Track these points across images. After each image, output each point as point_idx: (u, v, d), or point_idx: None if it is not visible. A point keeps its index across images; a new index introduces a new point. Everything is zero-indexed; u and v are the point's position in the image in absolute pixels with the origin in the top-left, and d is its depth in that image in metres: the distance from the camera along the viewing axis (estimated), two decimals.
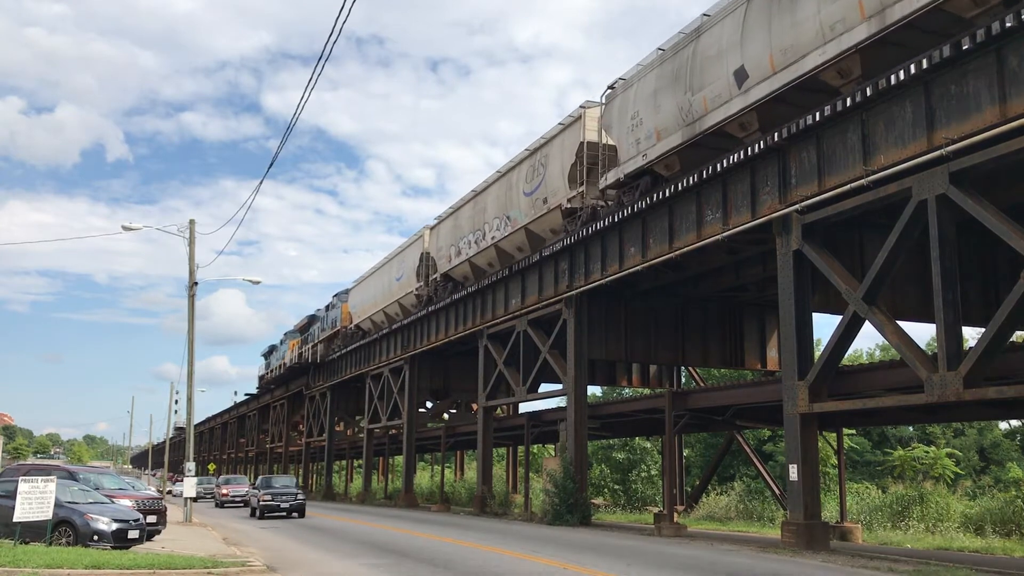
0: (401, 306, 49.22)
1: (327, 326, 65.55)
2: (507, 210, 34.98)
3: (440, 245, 43.01)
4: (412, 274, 46.74)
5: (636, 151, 25.91)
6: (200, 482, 53.66)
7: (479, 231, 37.83)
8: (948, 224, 16.97)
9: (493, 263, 36.91)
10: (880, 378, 20.84)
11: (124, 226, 29.46)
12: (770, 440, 50.26)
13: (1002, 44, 15.63)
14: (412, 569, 15.92)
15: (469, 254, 38.82)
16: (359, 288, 59.07)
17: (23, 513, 15.58)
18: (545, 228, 32.51)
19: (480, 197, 38.57)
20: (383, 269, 53.56)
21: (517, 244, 34.61)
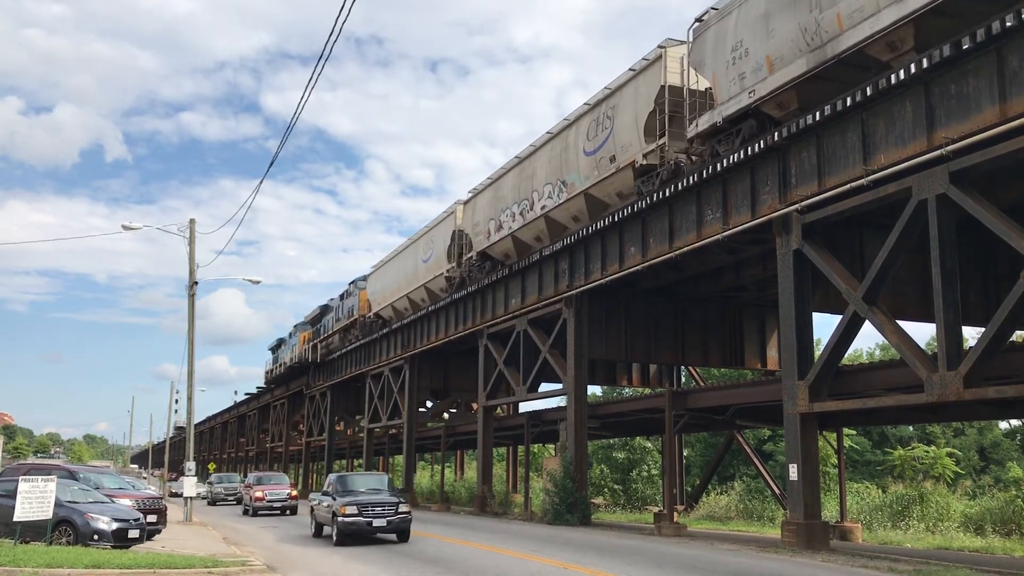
0: (428, 291, 44.76)
1: (342, 316, 61.59)
2: (562, 174, 30.57)
3: (477, 220, 38.34)
4: (442, 255, 42.49)
5: (739, 88, 21.45)
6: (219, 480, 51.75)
7: (525, 201, 33.40)
8: (948, 224, 16.97)
9: (542, 236, 32.68)
10: (880, 378, 20.84)
11: (124, 226, 29.47)
12: (770, 440, 50.28)
13: (1002, 44, 15.63)
14: (412, 568, 15.93)
15: (513, 227, 34.39)
16: (379, 273, 54.25)
17: (23, 512, 15.59)
18: (610, 192, 28.28)
19: (527, 163, 33.94)
20: (407, 251, 48.68)
21: (573, 213, 30.40)
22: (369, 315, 55.16)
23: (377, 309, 53.33)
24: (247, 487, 37.71)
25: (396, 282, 49.80)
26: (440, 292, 43.08)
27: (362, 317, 56.65)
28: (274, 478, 39.78)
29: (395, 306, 50.10)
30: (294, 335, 76.20)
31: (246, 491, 37.44)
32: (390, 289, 51.01)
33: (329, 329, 64.51)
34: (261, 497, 35.65)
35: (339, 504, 21.06)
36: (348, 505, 20.86)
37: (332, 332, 63.29)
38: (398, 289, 49.20)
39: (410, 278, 47.20)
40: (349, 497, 21.50)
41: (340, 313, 62.33)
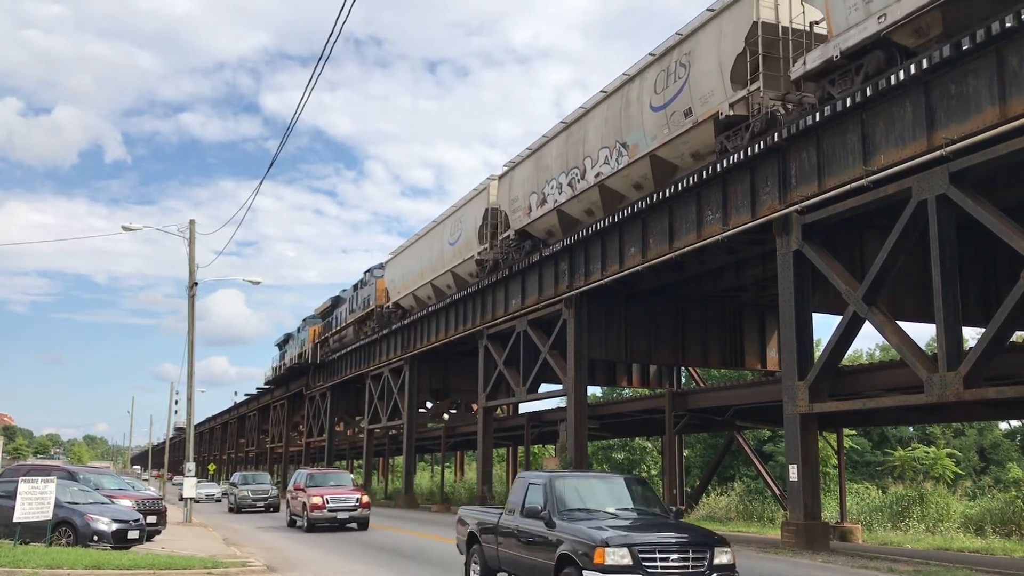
0: (456, 276, 41.00)
1: (357, 307, 58.00)
2: (621, 135, 26.84)
3: (515, 195, 34.70)
4: (472, 236, 38.54)
5: (864, 14, 18.13)
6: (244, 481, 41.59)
7: (575, 170, 29.73)
8: (948, 224, 16.98)
9: (594, 209, 29.11)
10: (880, 378, 20.87)
11: (124, 226, 29.46)
12: (770, 440, 50.30)
13: (1002, 44, 15.64)
14: (412, 570, 15.92)
15: (559, 200, 30.77)
16: (398, 260, 50.18)
17: (23, 513, 15.58)
18: (683, 152, 24.74)
19: (577, 127, 30.19)
20: (432, 234, 44.73)
21: (635, 179, 26.75)
22: (387, 305, 51.61)
23: (396, 298, 49.62)
24: (296, 490, 28.10)
25: (419, 268, 45.92)
26: (469, 277, 39.42)
27: (379, 308, 53.15)
28: (332, 476, 29.55)
29: (417, 295, 46.39)
30: (303, 329, 73.28)
31: (294, 496, 28.33)
32: (411, 276, 47.19)
33: (342, 322, 61.30)
34: (320, 505, 25.90)
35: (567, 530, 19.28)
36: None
37: (345, 325, 59.97)
38: (421, 276, 45.44)
39: (435, 263, 43.41)
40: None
41: (354, 304, 58.97)
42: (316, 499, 25.82)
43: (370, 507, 26.90)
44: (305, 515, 26.16)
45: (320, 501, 25.75)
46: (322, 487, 26.92)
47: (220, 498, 53.10)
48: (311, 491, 26.48)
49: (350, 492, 26.79)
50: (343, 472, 31.87)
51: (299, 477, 28.89)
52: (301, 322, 74.80)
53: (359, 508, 26.26)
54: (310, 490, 26.60)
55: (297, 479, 28.89)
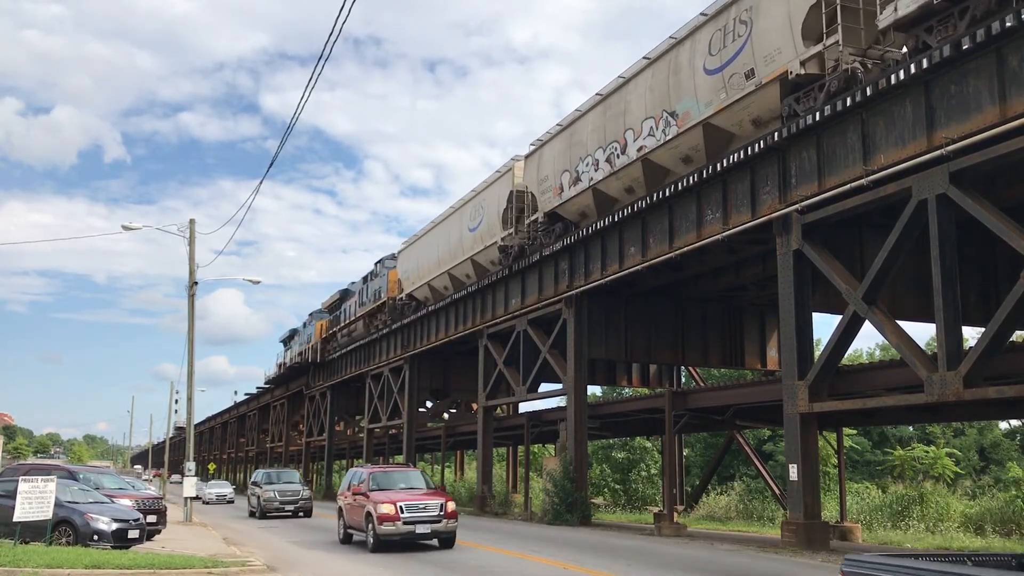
0: (476, 264, 38.63)
1: (367, 299, 54.99)
2: (670, 103, 24.43)
3: (544, 175, 32.11)
4: (495, 220, 36.03)
5: None
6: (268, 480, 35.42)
7: (614, 144, 27.22)
8: (948, 224, 16.98)
9: (635, 186, 26.81)
10: (880, 378, 20.86)
11: (124, 226, 29.46)
12: (770, 440, 50.29)
13: (1002, 44, 15.64)
14: (413, 569, 15.92)
15: (595, 178, 28.35)
16: (412, 249, 47.55)
17: (23, 513, 15.58)
18: (742, 119, 22.23)
19: (616, 98, 27.58)
20: (449, 221, 42.16)
21: (684, 151, 24.44)
22: (400, 297, 49.03)
23: (410, 290, 46.99)
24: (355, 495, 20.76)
25: (435, 257, 43.29)
26: (491, 265, 37.21)
27: (391, 300, 50.51)
28: (400, 476, 21.58)
29: (432, 285, 43.88)
30: (309, 325, 70.88)
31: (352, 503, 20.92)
32: (427, 266, 44.48)
33: (350, 315, 58.65)
34: (393, 516, 18.77)
35: None
36: None
37: (355, 318, 57.24)
38: (438, 265, 42.80)
39: (453, 251, 40.86)
40: None
41: (364, 297, 56.03)
42: (386, 507, 18.70)
43: (457, 517, 19.73)
44: (371, 529, 19.07)
45: (392, 511, 18.69)
46: (390, 490, 19.87)
47: (232, 498, 51.24)
48: (377, 495, 19.41)
49: (429, 496, 19.64)
50: (413, 469, 22.94)
51: (357, 477, 21.58)
52: (307, 317, 72.49)
53: (444, 519, 19.14)
54: (376, 494, 19.50)
55: (355, 479, 21.60)
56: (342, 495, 22.30)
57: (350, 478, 22.61)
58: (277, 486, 34.31)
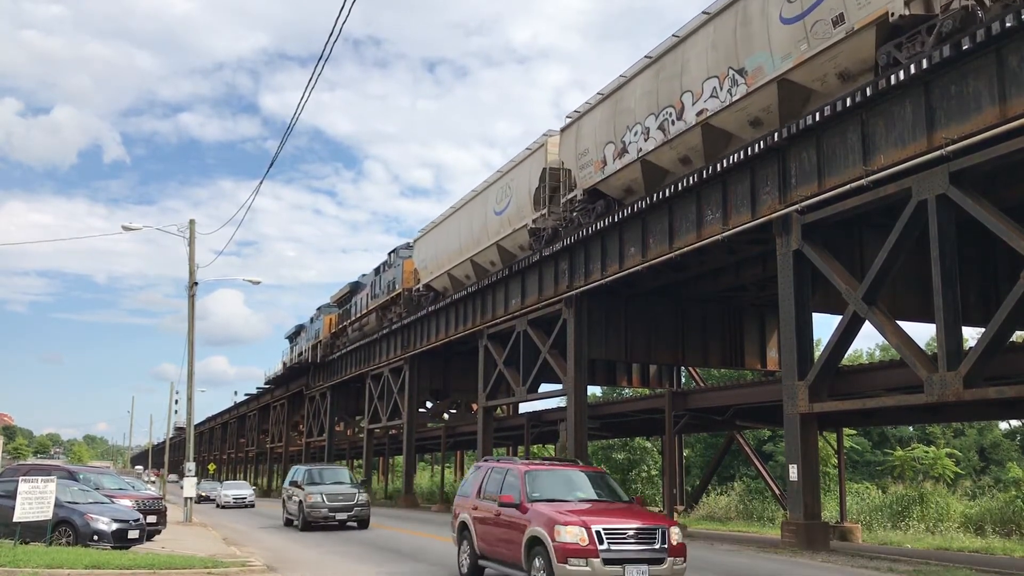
0: (502, 250, 36.10)
1: (380, 291, 52.38)
2: (737, 59, 21.70)
3: (583, 148, 29.17)
4: (526, 202, 33.43)
5: None
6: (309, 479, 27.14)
7: (668, 109, 24.40)
8: (948, 224, 16.99)
9: (692, 156, 24.14)
10: (880, 378, 20.87)
11: (124, 226, 29.46)
12: (770, 440, 50.31)
13: (1002, 44, 15.65)
14: (413, 569, 15.92)
15: (645, 149, 25.44)
16: (430, 237, 44.65)
17: (23, 513, 15.57)
18: (827, 72, 19.58)
19: (669, 59, 24.68)
20: (472, 205, 39.47)
21: (754, 113, 21.70)
22: (417, 288, 46.49)
23: (428, 280, 44.38)
24: (501, 504, 13.17)
25: (456, 245, 40.55)
26: (519, 251, 34.71)
27: (407, 291, 47.82)
28: (573, 478, 13.90)
29: (453, 274, 41.15)
30: (316, 320, 68.77)
31: (487, 516, 13.78)
32: (446, 254, 41.78)
33: (362, 309, 56.20)
34: (585, 548, 11.26)
35: None
36: None
37: (367, 312, 54.68)
38: (459, 252, 40.08)
39: (476, 237, 38.27)
40: None
41: (377, 289, 53.36)
42: (573, 533, 11.39)
43: (685, 554, 12.38)
44: (541, 567, 11.62)
45: (582, 539, 11.20)
46: (564, 502, 12.59)
47: (253, 501, 45.53)
48: (545, 510, 12.10)
49: (641, 518, 12.23)
50: (591, 469, 14.94)
51: (495, 476, 14.17)
52: (315, 311, 70.14)
53: (667, 558, 11.74)
54: (542, 508, 12.24)
55: (490, 482, 14.15)
56: (464, 504, 14.72)
57: (481, 478, 14.45)
58: (324, 488, 26.42)
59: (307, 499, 25.80)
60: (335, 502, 25.91)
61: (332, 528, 25.66)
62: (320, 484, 26.93)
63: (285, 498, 28.89)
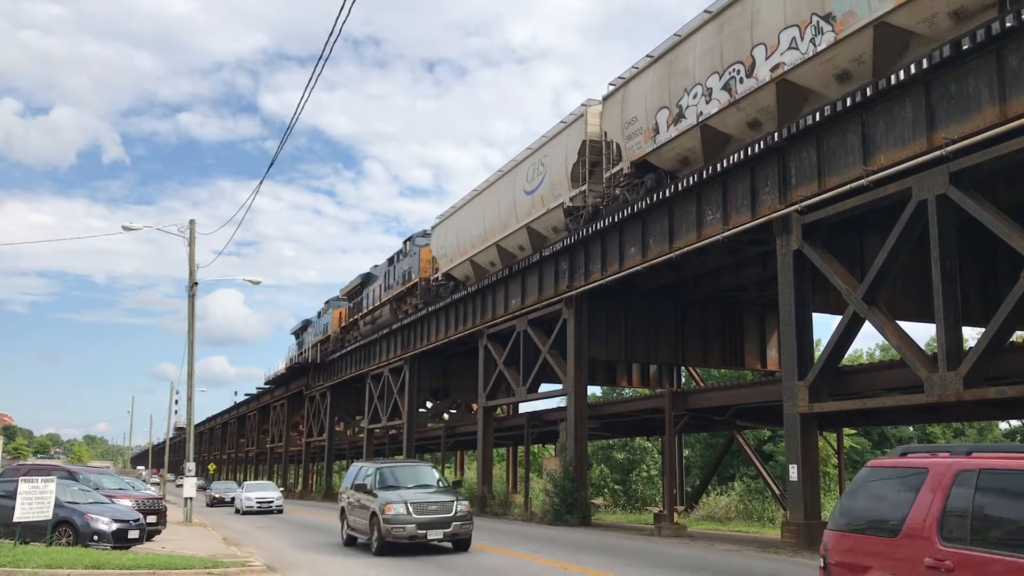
0: (533, 233, 33.35)
1: (394, 282, 49.81)
2: (823, 4, 19.06)
3: (631, 116, 26.39)
4: (562, 178, 30.65)
5: None
6: (382, 480, 19.60)
7: (736, 67, 21.82)
8: (948, 224, 16.98)
9: (763, 119, 21.73)
10: (880, 378, 20.86)
11: (124, 226, 29.46)
12: (770, 440, 50.31)
13: (1002, 44, 15.64)
14: (413, 568, 15.91)
15: (706, 113, 22.97)
16: (451, 222, 41.86)
17: (23, 513, 15.57)
18: (936, 12, 17.09)
19: (738, 8, 21.99)
20: (498, 186, 36.64)
21: (842, 66, 19.13)
22: (435, 277, 44.00)
23: (447, 268, 41.79)
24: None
25: (479, 229, 37.83)
26: (553, 233, 32.21)
27: (424, 281, 45.35)
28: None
29: (476, 261, 38.53)
30: (325, 314, 66.42)
31: None
32: (469, 239, 39.03)
33: (374, 301, 53.69)
34: None
35: None
36: None
37: (379, 304, 52.15)
38: (483, 237, 37.44)
39: (504, 219, 35.44)
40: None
41: (391, 280, 50.71)
42: None
43: None
44: None
45: None
46: None
47: (282, 506, 39.04)
48: None
49: None
50: None
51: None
52: (324, 305, 68.23)
53: None
54: None
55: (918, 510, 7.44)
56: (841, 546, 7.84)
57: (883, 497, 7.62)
58: (407, 494, 18.76)
59: (384, 510, 18.12)
60: (426, 514, 18.21)
61: (420, 551, 18.43)
62: (399, 488, 19.24)
63: (345, 507, 21.15)
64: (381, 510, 18.20)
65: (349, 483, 21.41)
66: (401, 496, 18.56)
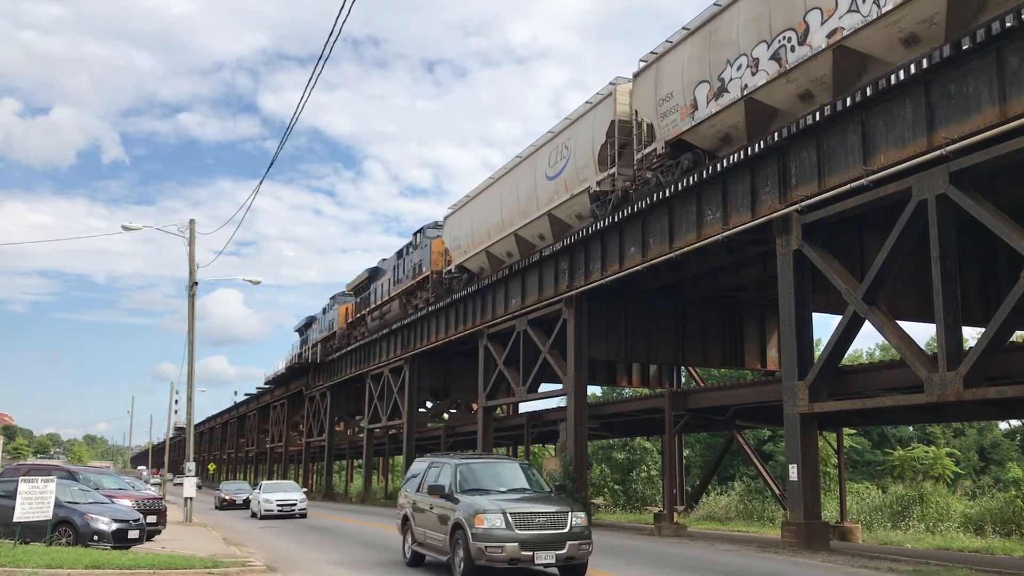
0: (555, 220, 31.70)
1: (404, 276, 48.04)
2: None
3: (666, 92, 24.77)
4: (588, 161, 28.88)
5: None
6: (472, 478, 14.55)
7: (786, 33, 20.16)
8: (948, 224, 16.98)
9: (816, 90, 20.01)
10: (880, 378, 20.86)
11: (124, 226, 29.46)
12: (770, 440, 50.30)
13: (1002, 44, 15.64)
14: (418, 572, 15.90)
15: (752, 85, 21.25)
16: (464, 213, 40.19)
17: (23, 513, 15.57)
18: None
19: None
20: (516, 172, 34.85)
21: (909, 27, 17.50)
22: (448, 269, 42.47)
23: (461, 260, 40.18)
24: None
25: (496, 218, 36.08)
26: (576, 220, 30.51)
27: (436, 274, 43.80)
28: None
29: (492, 252, 36.92)
30: (330, 309, 65.23)
31: None
32: (484, 229, 37.29)
33: (383, 295, 51.99)
34: None
35: None
36: None
37: (389, 298, 50.35)
38: (500, 227, 35.70)
39: (523, 207, 33.68)
40: None
41: (400, 273, 48.93)
42: None
43: None
44: None
45: None
46: None
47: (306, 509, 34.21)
48: None
49: None
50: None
51: None
52: (329, 300, 67.07)
53: None
54: None
55: None
56: None
57: None
58: (503, 501, 13.62)
59: (474, 522, 13.11)
60: (532, 529, 13.15)
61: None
62: (489, 492, 14.23)
63: (410, 515, 16.20)
64: (469, 522, 13.11)
65: (416, 484, 16.34)
66: (497, 504, 13.32)
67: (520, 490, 14.70)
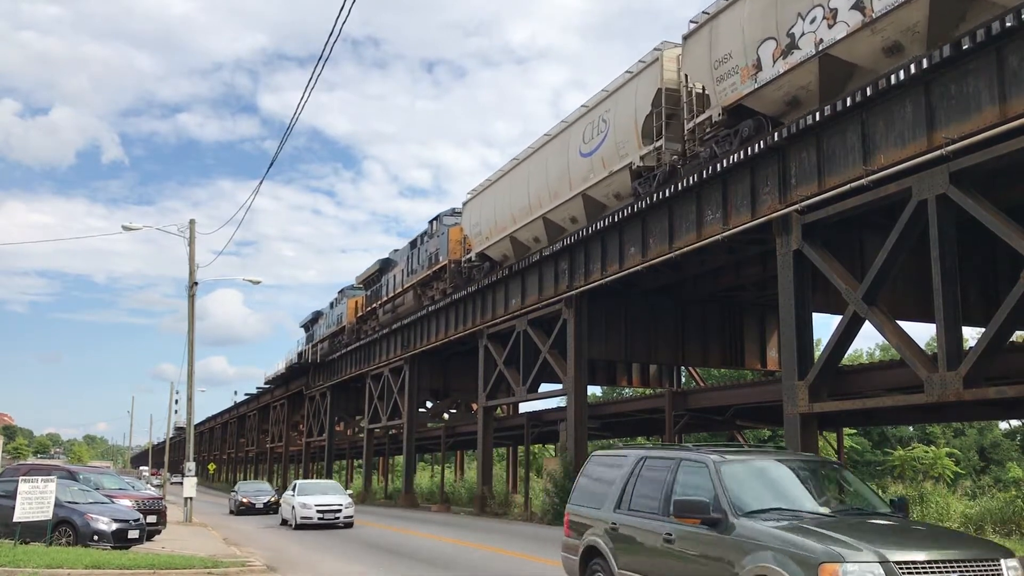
0: (590, 201, 29.00)
1: (419, 266, 45.26)
2: None
3: (723, 53, 22.06)
4: (630, 135, 26.14)
5: None
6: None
7: None
8: (948, 224, 16.97)
9: (905, 41, 17.64)
10: (880, 378, 20.87)
11: (124, 226, 29.47)
12: (770, 440, 50.32)
13: (1002, 44, 15.63)
14: (413, 569, 15.92)
15: (829, 40, 18.79)
16: (485, 196, 37.33)
17: (23, 513, 15.57)
18: None
19: None
20: (545, 150, 32.00)
21: None
22: (467, 258, 39.42)
23: (482, 247, 37.43)
24: None
25: (523, 201, 33.31)
26: (614, 200, 27.90)
27: (454, 263, 40.73)
28: None
29: (517, 238, 34.28)
30: (338, 303, 63.00)
31: None
32: (509, 214, 34.45)
33: (396, 287, 49.20)
34: None
35: None
36: None
37: (402, 290, 47.61)
38: (527, 210, 32.96)
39: (553, 188, 30.86)
40: None
41: (415, 264, 46.17)
42: None
43: None
44: None
45: None
46: None
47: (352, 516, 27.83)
48: None
49: None
50: None
51: None
52: (337, 294, 64.69)
53: None
54: None
55: None
56: None
57: None
58: (911, 556, 6.74)
59: None
60: None
61: None
62: (783, 513, 7.88)
63: (606, 549, 9.82)
64: None
65: (609, 495, 10.23)
66: (869, 545, 6.83)
67: (847, 510, 8.36)
